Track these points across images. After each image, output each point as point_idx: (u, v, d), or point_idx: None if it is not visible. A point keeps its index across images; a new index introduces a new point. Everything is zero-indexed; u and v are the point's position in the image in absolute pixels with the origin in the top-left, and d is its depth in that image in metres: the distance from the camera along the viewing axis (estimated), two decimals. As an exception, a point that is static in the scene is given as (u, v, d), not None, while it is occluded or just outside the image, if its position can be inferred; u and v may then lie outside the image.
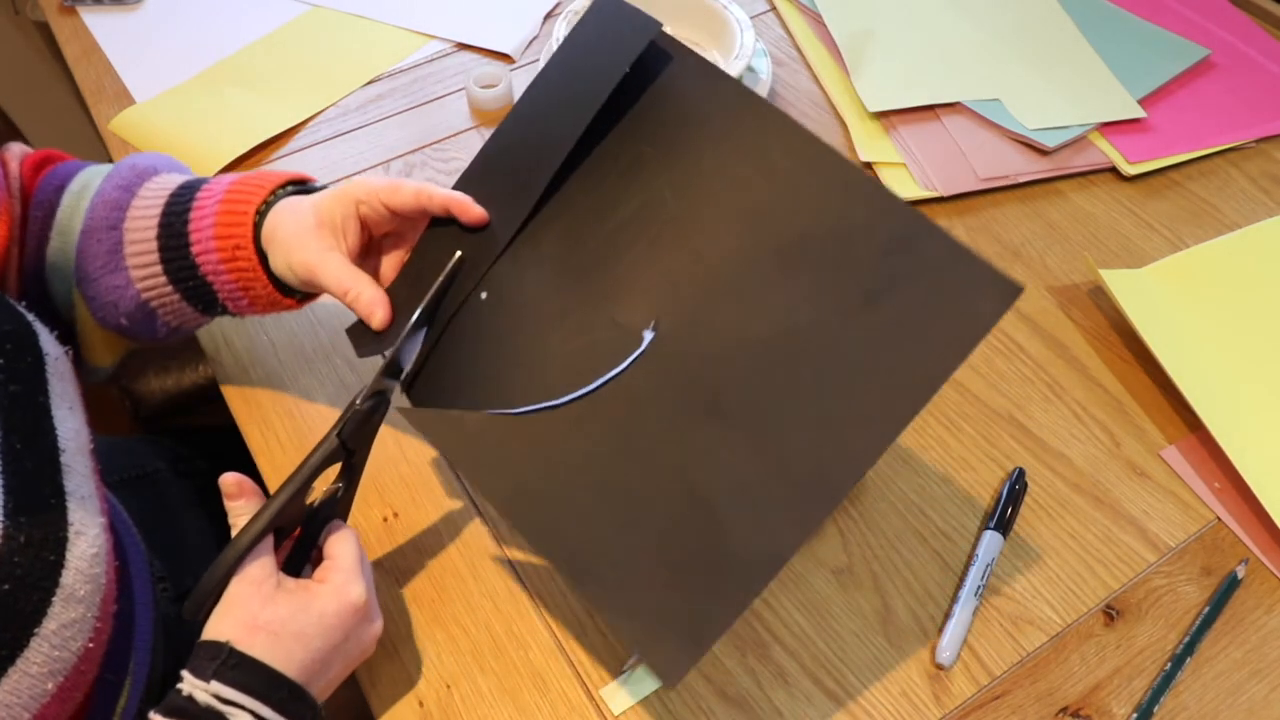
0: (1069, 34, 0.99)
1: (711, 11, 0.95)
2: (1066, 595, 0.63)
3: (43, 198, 0.63)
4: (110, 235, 0.61)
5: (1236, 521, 0.66)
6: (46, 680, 0.46)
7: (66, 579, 0.47)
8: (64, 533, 0.48)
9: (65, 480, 0.50)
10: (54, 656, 0.46)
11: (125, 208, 0.61)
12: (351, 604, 0.53)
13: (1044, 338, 0.76)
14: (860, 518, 0.66)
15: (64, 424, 0.52)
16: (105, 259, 0.61)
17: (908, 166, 0.87)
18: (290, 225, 0.58)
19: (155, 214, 0.61)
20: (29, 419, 0.50)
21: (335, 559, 0.54)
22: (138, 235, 0.60)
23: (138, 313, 0.62)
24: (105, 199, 0.62)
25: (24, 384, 0.51)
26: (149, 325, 0.63)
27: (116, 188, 0.62)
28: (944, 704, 0.59)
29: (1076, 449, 0.70)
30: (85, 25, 1.03)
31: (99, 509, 0.52)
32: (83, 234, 0.62)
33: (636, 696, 0.59)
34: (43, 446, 0.50)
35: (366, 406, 0.55)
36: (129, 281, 0.61)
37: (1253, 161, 0.89)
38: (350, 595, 0.53)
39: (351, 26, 1.03)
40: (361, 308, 0.59)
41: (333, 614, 0.52)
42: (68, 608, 0.47)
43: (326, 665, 0.52)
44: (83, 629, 0.48)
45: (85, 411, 0.55)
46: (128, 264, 0.61)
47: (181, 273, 0.60)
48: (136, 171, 0.63)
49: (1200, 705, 0.59)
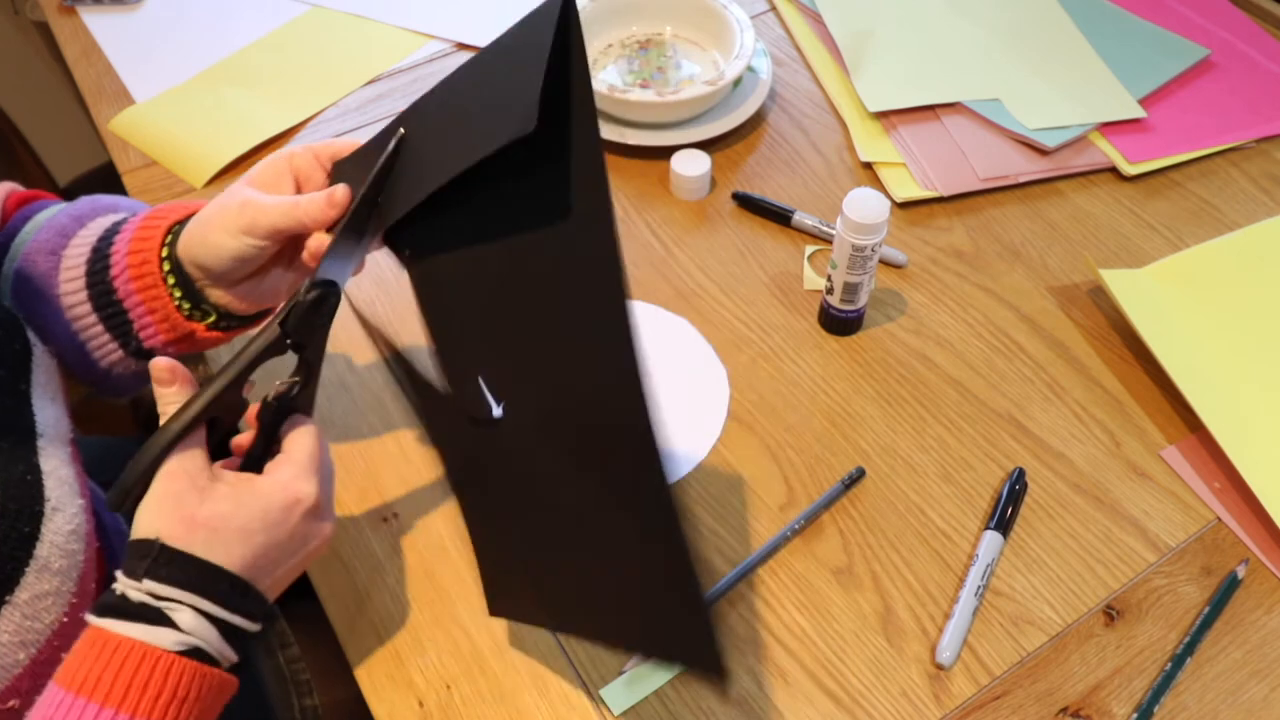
0: (1069, 34, 0.99)
1: (711, 11, 0.95)
2: (1066, 595, 0.63)
3: (11, 228, 0.63)
4: (48, 260, 0.59)
5: (1236, 521, 0.66)
6: (18, 650, 0.47)
7: (41, 551, 0.48)
8: (40, 507, 0.49)
9: (42, 461, 0.51)
10: (26, 626, 0.47)
11: (70, 235, 0.60)
12: (297, 499, 0.50)
13: (1044, 338, 0.76)
14: (860, 518, 0.66)
15: (43, 411, 0.53)
16: (40, 281, 0.59)
17: (908, 166, 0.87)
18: (214, 205, 0.56)
19: (92, 240, 0.59)
20: (9, 402, 0.51)
21: (288, 452, 0.52)
22: (72, 262, 0.59)
23: (69, 342, 0.60)
24: (54, 224, 0.61)
25: (8, 370, 0.52)
26: (85, 362, 0.60)
27: (69, 216, 0.61)
28: (944, 704, 0.59)
29: (1076, 449, 0.70)
30: (85, 25, 1.03)
31: (79, 491, 0.52)
32: (24, 254, 0.60)
33: (636, 696, 0.59)
34: (20, 429, 0.51)
35: (311, 296, 0.52)
36: (59, 310, 0.59)
37: (1253, 161, 0.89)
38: (296, 489, 0.50)
39: (351, 26, 1.03)
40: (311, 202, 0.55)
41: (278, 509, 0.49)
42: (41, 579, 0.48)
43: (273, 563, 0.50)
44: (58, 602, 0.49)
45: (68, 405, 0.56)
46: (60, 289, 0.59)
47: (102, 299, 0.58)
48: (95, 206, 0.62)
49: (1200, 705, 0.59)
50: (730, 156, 0.90)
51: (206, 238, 0.56)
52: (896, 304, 0.79)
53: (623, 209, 0.86)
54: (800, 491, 0.68)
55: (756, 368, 0.75)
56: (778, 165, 0.89)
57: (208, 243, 0.56)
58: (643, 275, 0.81)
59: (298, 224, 0.55)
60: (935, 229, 0.84)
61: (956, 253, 0.82)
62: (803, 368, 0.75)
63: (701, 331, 0.77)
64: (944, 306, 0.78)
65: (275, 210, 0.55)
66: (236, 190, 0.56)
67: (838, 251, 0.71)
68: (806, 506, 0.66)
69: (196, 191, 0.87)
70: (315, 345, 0.54)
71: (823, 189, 0.87)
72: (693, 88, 0.86)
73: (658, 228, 0.84)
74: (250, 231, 0.55)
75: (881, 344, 0.76)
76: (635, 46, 0.97)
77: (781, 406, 0.72)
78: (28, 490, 0.49)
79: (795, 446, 0.70)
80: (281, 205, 0.55)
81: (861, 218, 0.68)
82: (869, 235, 0.69)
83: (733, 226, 0.84)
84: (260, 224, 0.55)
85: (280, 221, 0.55)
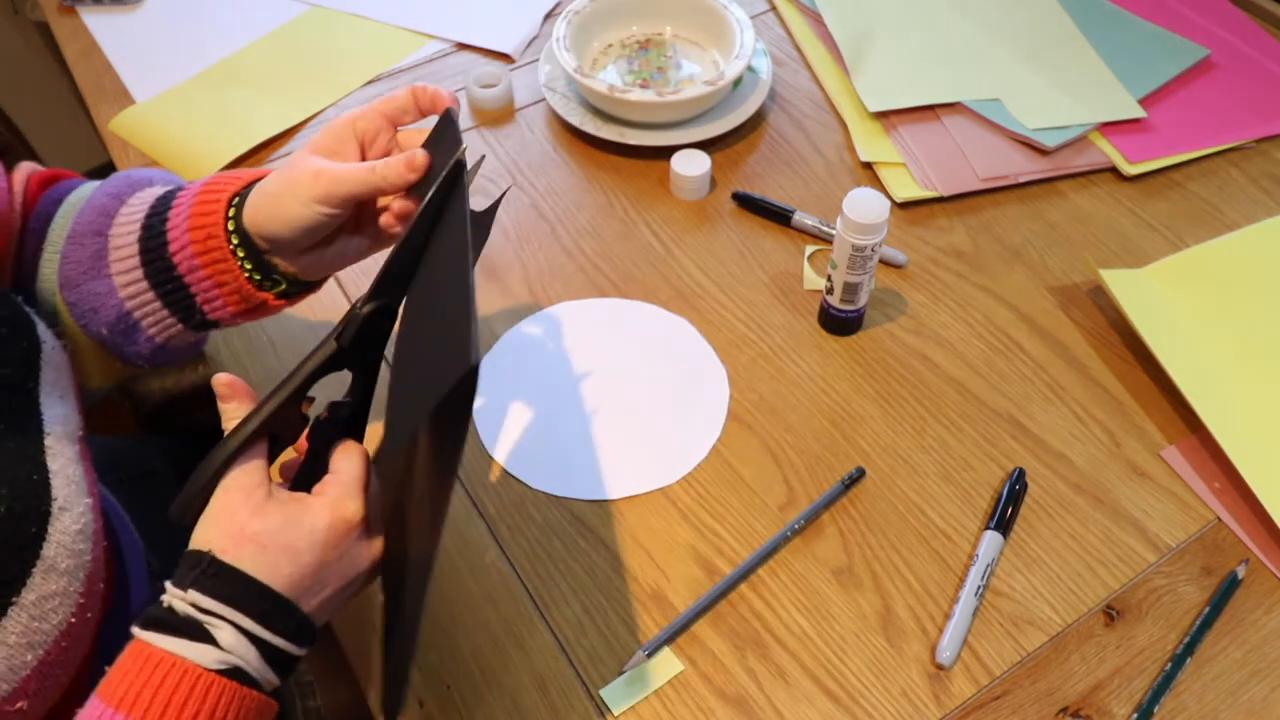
0: (1069, 34, 0.99)
1: (711, 11, 0.95)
2: (1066, 595, 0.63)
3: (41, 210, 0.62)
4: (95, 241, 0.59)
5: (1236, 521, 0.66)
6: (25, 651, 0.46)
7: (48, 551, 0.47)
8: (47, 506, 0.48)
9: (49, 460, 0.50)
10: (33, 628, 0.47)
11: (113, 214, 0.60)
12: (345, 519, 0.50)
13: (1044, 338, 0.76)
14: (860, 518, 0.66)
15: (51, 409, 0.52)
16: (89, 264, 0.59)
17: (908, 166, 0.87)
18: (281, 175, 0.56)
19: (139, 218, 0.59)
20: (16, 402, 0.51)
21: (337, 473, 0.52)
22: (121, 240, 0.59)
23: (119, 323, 0.60)
24: (94, 204, 0.61)
25: (15, 368, 0.51)
26: (132, 338, 0.61)
27: (107, 194, 0.61)
28: (944, 704, 0.59)
29: (1076, 449, 0.70)
30: (85, 25, 1.03)
31: (86, 490, 0.52)
32: (68, 239, 0.60)
33: (636, 696, 0.59)
34: (27, 428, 0.50)
35: (367, 310, 0.51)
36: (112, 289, 0.59)
37: (1253, 161, 0.89)
38: (345, 510, 0.50)
39: (351, 26, 1.03)
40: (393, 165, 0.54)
41: (324, 528, 0.49)
42: (48, 579, 0.47)
43: (319, 583, 0.50)
44: (65, 603, 0.48)
45: (78, 403, 0.55)
46: (111, 270, 0.59)
47: (160, 275, 0.58)
48: (130, 181, 0.62)
49: (1200, 705, 0.59)
50: (730, 156, 0.90)
51: (277, 209, 0.55)
52: (896, 304, 0.79)
53: (623, 209, 0.86)
54: (800, 491, 0.68)
55: (756, 368, 0.75)
56: (778, 165, 0.89)
57: (279, 214, 0.55)
58: (643, 275, 0.81)
59: (375, 190, 0.54)
60: (935, 229, 0.84)
61: (956, 253, 0.82)
62: (803, 368, 0.75)
63: (701, 331, 0.77)
64: (944, 306, 0.78)
65: (352, 178, 0.54)
66: (302, 159, 0.55)
67: (838, 251, 0.71)
68: (806, 506, 0.66)
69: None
70: (370, 363, 0.54)
71: (823, 189, 0.87)
72: (693, 88, 0.86)
73: (658, 228, 0.84)
74: (325, 200, 0.54)
75: (881, 344, 0.76)
76: (635, 46, 0.97)
77: (781, 406, 0.72)
78: (34, 490, 0.49)
79: (795, 446, 0.70)
80: (357, 172, 0.54)
81: (861, 218, 0.68)
82: (869, 235, 0.69)
83: (733, 226, 0.84)
84: (336, 193, 0.54)
85: (357, 189, 0.54)
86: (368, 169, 0.54)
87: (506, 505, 0.67)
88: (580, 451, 0.70)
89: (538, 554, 0.65)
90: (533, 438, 0.71)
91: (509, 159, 0.90)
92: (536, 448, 0.70)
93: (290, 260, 0.58)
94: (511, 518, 0.67)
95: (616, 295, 0.79)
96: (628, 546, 0.65)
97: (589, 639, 0.61)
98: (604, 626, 0.62)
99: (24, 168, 0.64)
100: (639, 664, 0.60)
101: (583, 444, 0.70)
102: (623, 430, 0.71)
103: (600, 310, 0.78)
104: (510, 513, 0.67)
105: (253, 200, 0.56)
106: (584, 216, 0.85)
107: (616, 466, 0.69)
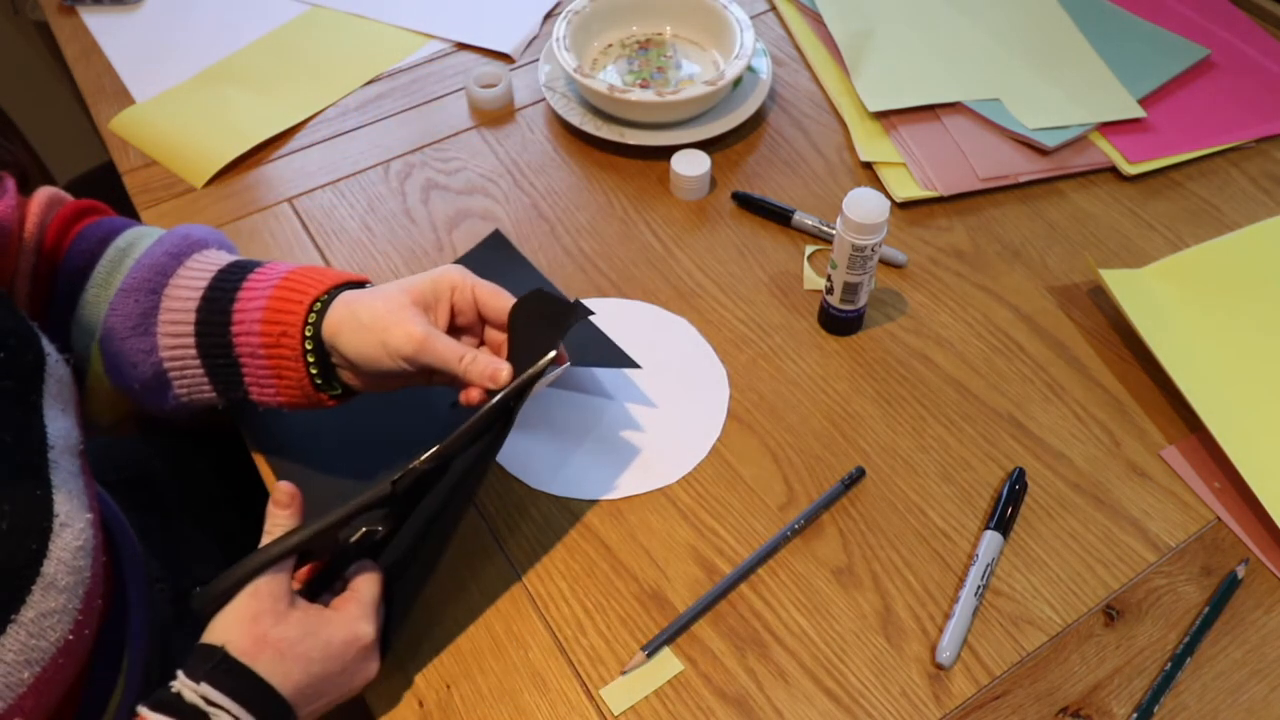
0: (1069, 34, 0.99)
1: (711, 11, 0.95)
2: (1066, 595, 0.63)
3: (84, 246, 0.63)
4: (148, 299, 0.61)
5: (1236, 521, 0.66)
6: (22, 669, 0.46)
7: (48, 568, 0.48)
8: (48, 523, 0.49)
9: (52, 474, 0.50)
10: (30, 645, 0.46)
11: (170, 274, 0.61)
12: (358, 638, 0.54)
13: (1044, 338, 0.76)
14: (860, 518, 0.66)
15: (55, 423, 0.52)
16: (137, 320, 0.61)
17: (908, 166, 0.87)
18: (379, 307, 0.58)
19: (200, 286, 0.61)
20: (19, 414, 0.51)
21: (357, 592, 0.55)
22: (176, 304, 0.60)
23: (154, 380, 0.62)
24: (152, 261, 0.62)
25: (19, 381, 0.51)
26: (160, 395, 0.63)
27: (166, 253, 0.62)
28: (944, 704, 0.59)
29: (1076, 449, 0.70)
30: (85, 25, 1.03)
31: (87, 505, 0.52)
32: (120, 291, 0.62)
33: (636, 696, 0.59)
34: (30, 441, 0.50)
35: (427, 466, 0.55)
36: (155, 348, 0.61)
37: (1253, 161, 0.89)
38: (359, 630, 0.54)
39: (351, 26, 1.03)
40: (479, 369, 0.58)
41: (339, 643, 0.53)
42: (47, 597, 0.47)
43: (319, 693, 0.53)
44: (63, 620, 0.48)
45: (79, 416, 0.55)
46: (159, 330, 0.61)
47: (213, 349, 0.60)
48: (189, 241, 0.64)
49: (1200, 705, 0.59)
50: (730, 156, 0.90)
51: (361, 342, 0.58)
52: (896, 304, 0.79)
53: (623, 209, 0.86)
54: (800, 491, 0.68)
55: (756, 368, 0.75)
56: (778, 165, 0.89)
57: (360, 347, 0.58)
58: (643, 275, 0.81)
59: (456, 376, 0.58)
60: (935, 229, 0.84)
61: (956, 253, 0.82)
62: (803, 368, 0.75)
63: (701, 331, 0.77)
64: (944, 306, 0.78)
65: (440, 357, 0.58)
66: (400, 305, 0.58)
67: (838, 251, 0.71)
68: (806, 506, 0.66)
69: (197, 191, 0.87)
70: (409, 505, 0.57)
71: (823, 189, 0.87)
72: (693, 88, 0.86)
73: (658, 228, 0.84)
74: (410, 362, 0.58)
75: (881, 344, 0.76)
76: (635, 46, 0.97)
77: (781, 406, 0.72)
78: (36, 506, 0.49)
79: (795, 446, 0.70)
80: (448, 356, 0.58)
81: (861, 218, 0.68)
82: (869, 235, 0.69)
83: (733, 226, 0.84)
84: (421, 360, 0.58)
85: (440, 366, 0.58)
86: (457, 358, 0.58)
87: (506, 505, 0.67)
88: (580, 451, 0.70)
89: (538, 554, 0.65)
90: (533, 438, 0.71)
91: (509, 159, 0.90)
92: (536, 447, 0.70)
93: (354, 378, 0.61)
94: (511, 518, 0.67)
95: (616, 295, 0.79)
96: (628, 546, 0.65)
97: (589, 639, 0.61)
98: (604, 626, 0.62)
99: (46, 192, 0.64)
100: (639, 664, 0.60)
101: (583, 444, 0.70)
102: (623, 430, 0.71)
103: (600, 310, 0.78)
104: (510, 513, 0.67)
105: (338, 318, 0.59)
106: (584, 216, 0.85)
107: (616, 466, 0.69)
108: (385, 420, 0.70)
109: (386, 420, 0.70)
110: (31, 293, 0.63)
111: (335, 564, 0.57)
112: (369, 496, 0.54)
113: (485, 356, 0.58)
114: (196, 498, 0.81)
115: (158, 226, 0.67)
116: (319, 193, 0.88)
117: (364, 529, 0.56)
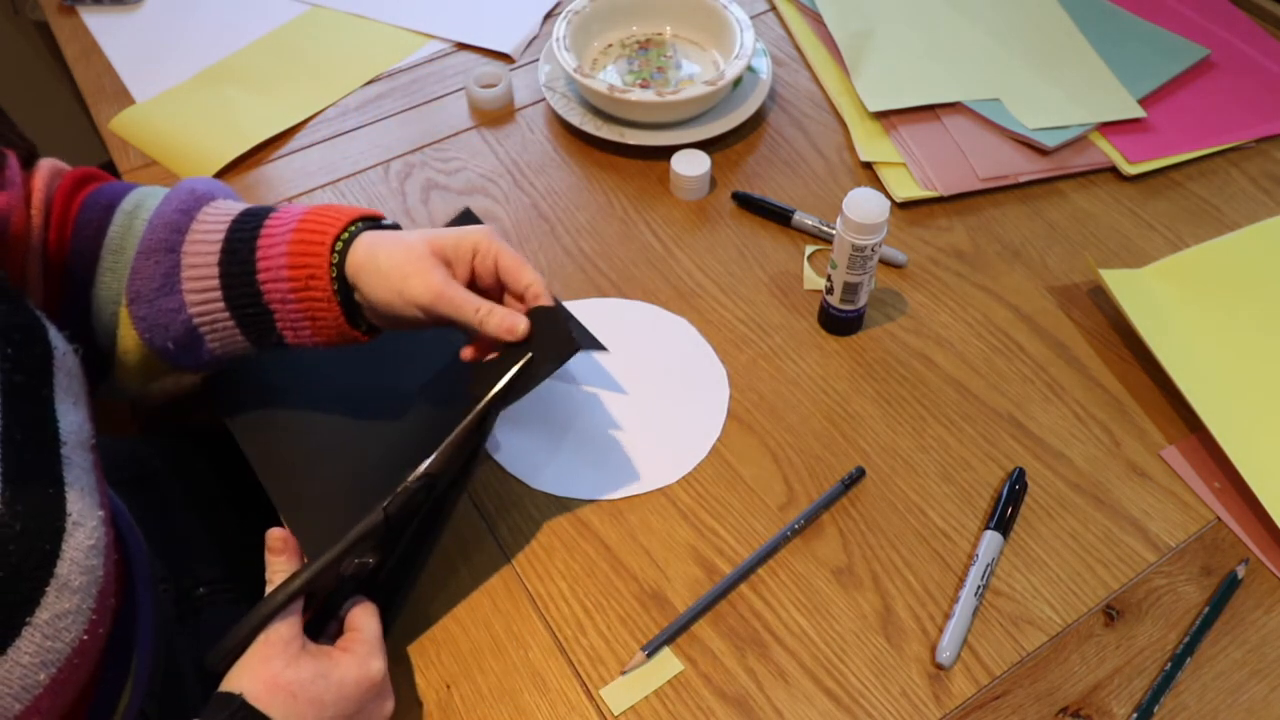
0: (1069, 34, 0.99)
1: (711, 11, 0.95)
2: (1066, 595, 0.63)
3: (91, 215, 0.63)
4: (168, 258, 0.61)
5: (1236, 521, 0.66)
6: (39, 671, 0.46)
7: (62, 569, 0.47)
8: (61, 523, 0.48)
9: (65, 472, 0.50)
10: (46, 647, 0.46)
11: (184, 230, 0.61)
12: (370, 677, 0.53)
13: (1044, 338, 0.76)
14: (860, 518, 0.66)
15: (66, 417, 0.52)
16: (161, 281, 0.61)
17: (908, 166, 0.87)
18: (399, 254, 0.58)
19: (217, 239, 0.61)
20: (31, 410, 0.50)
21: (360, 630, 0.55)
22: (197, 260, 0.60)
23: (186, 337, 0.62)
24: (164, 220, 0.62)
25: (29, 375, 0.51)
26: (194, 350, 0.63)
27: (176, 210, 0.62)
28: (944, 704, 0.59)
29: (1076, 449, 0.70)
30: (85, 25, 1.03)
31: (99, 502, 0.52)
32: (138, 254, 0.61)
33: (636, 696, 0.59)
34: (43, 438, 0.50)
35: (416, 485, 0.56)
36: (182, 305, 0.61)
37: (1253, 161, 0.89)
38: (371, 668, 0.54)
39: (351, 26, 1.03)
40: (497, 320, 0.58)
41: (352, 683, 0.53)
42: (62, 598, 0.47)
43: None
44: (77, 620, 0.48)
45: (90, 409, 0.55)
46: (184, 288, 0.60)
47: (241, 299, 0.60)
48: (195, 196, 0.63)
49: (1200, 705, 0.59)
50: (730, 156, 0.90)
51: (381, 287, 0.58)
52: (896, 304, 0.79)
53: (623, 209, 0.86)
54: (800, 491, 0.68)
55: (756, 368, 0.75)
56: (778, 165, 0.89)
57: (379, 292, 0.58)
58: (643, 275, 0.81)
59: (471, 328, 0.58)
60: (935, 229, 0.84)
61: (956, 253, 0.82)
62: (803, 368, 0.75)
63: (701, 331, 0.77)
64: (944, 306, 0.78)
65: (457, 309, 0.58)
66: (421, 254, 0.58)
67: (838, 251, 0.71)
68: (806, 506, 0.66)
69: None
70: (401, 529, 0.57)
71: (823, 189, 0.87)
72: (693, 88, 0.86)
73: (658, 228, 0.84)
74: (426, 311, 0.58)
75: (881, 344, 0.76)
76: (635, 46, 0.97)
77: (781, 406, 0.72)
78: (49, 505, 0.48)
79: (795, 446, 0.70)
80: (464, 309, 0.58)
81: (861, 218, 0.68)
82: (869, 235, 0.69)
83: (733, 226, 0.84)
84: (437, 310, 0.58)
85: (455, 317, 0.58)
86: (473, 309, 0.58)
87: (506, 505, 0.67)
88: (580, 451, 0.70)
89: (538, 554, 0.65)
90: (532, 437, 0.71)
91: (509, 159, 0.90)
92: (536, 447, 0.70)
93: (373, 315, 0.61)
94: (511, 518, 0.67)
95: (616, 295, 0.79)
96: (628, 546, 0.65)
97: (589, 639, 0.61)
98: (604, 626, 0.62)
99: (47, 166, 0.64)
100: (639, 664, 0.60)
101: (582, 444, 0.70)
102: (622, 430, 0.71)
103: (600, 310, 0.78)
104: (510, 513, 0.67)
105: (359, 259, 0.59)
106: (584, 216, 0.85)
107: (616, 466, 0.69)
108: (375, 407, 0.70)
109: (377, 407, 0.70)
110: (46, 273, 0.63)
111: (330, 601, 0.57)
112: (364, 527, 0.55)
113: (502, 309, 0.58)
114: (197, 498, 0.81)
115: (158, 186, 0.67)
116: (319, 193, 0.88)
117: (356, 561, 0.56)
